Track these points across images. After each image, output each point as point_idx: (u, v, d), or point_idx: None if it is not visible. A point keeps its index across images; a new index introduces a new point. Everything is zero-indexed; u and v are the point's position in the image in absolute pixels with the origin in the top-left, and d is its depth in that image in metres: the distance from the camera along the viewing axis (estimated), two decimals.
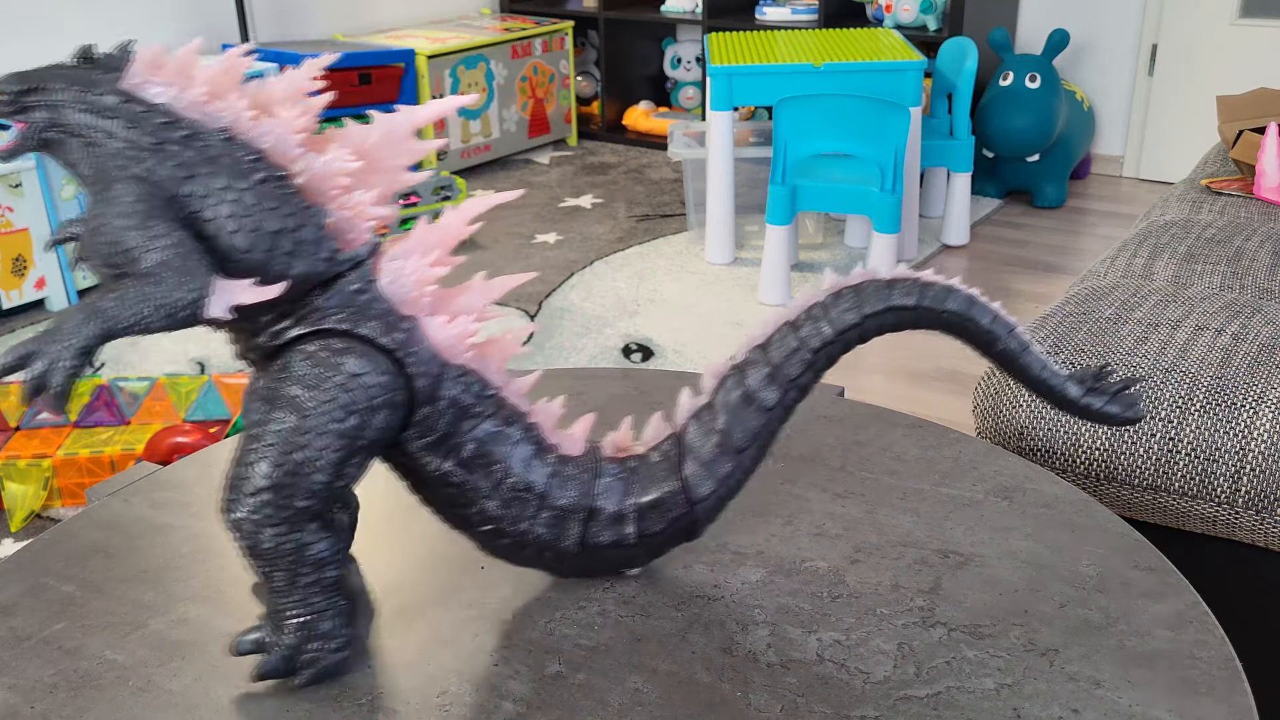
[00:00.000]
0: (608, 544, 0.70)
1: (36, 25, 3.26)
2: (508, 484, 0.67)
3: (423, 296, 0.64)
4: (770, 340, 0.69)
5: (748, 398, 0.69)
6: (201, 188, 0.59)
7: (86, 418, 2.25)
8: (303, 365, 0.61)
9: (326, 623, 0.65)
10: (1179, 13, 3.78)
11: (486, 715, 0.64)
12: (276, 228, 0.60)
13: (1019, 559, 0.76)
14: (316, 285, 0.62)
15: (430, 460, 0.66)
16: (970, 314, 0.68)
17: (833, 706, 0.63)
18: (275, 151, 0.61)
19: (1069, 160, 3.68)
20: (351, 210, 0.62)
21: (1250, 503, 1.13)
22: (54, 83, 0.60)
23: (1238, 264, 1.57)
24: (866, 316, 0.68)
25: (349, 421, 0.60)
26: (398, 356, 0.62)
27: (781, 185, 2.81)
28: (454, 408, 0.65)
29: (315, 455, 0.60)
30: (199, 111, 0.60)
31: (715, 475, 0.69)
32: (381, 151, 0.63)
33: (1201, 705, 0.62)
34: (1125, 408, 0.69)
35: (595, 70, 4.75)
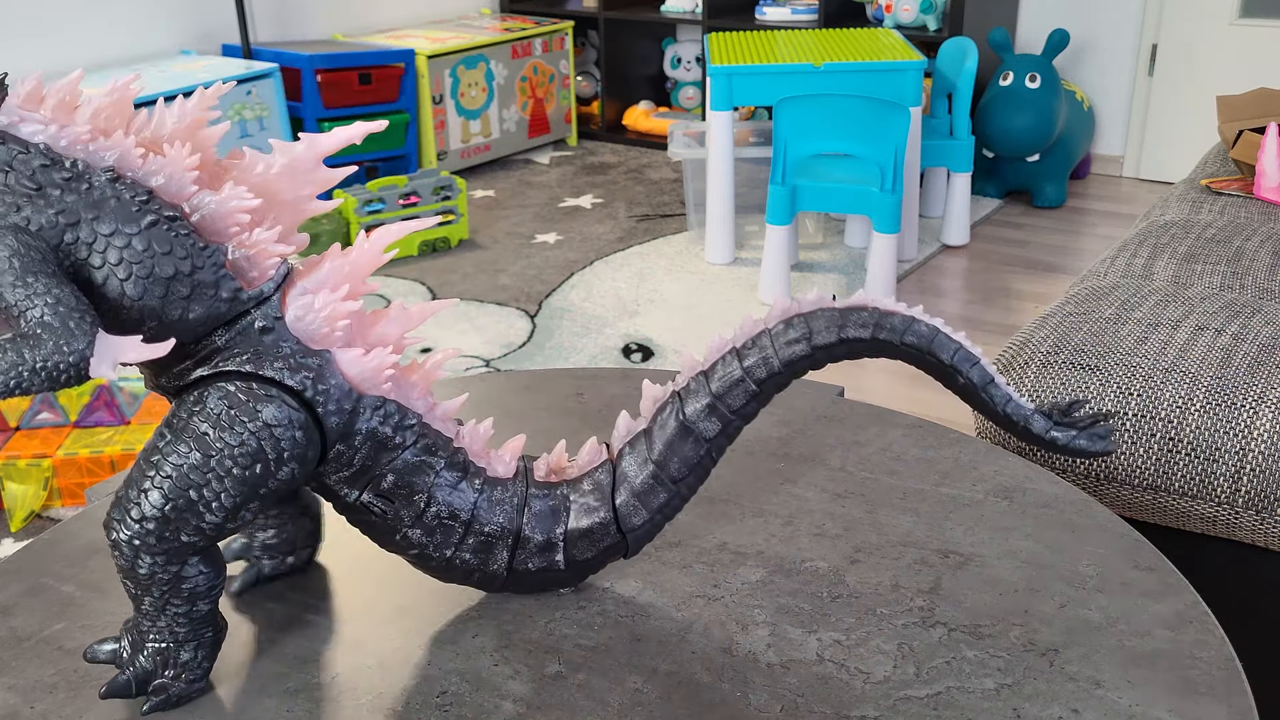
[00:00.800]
0: (536, 570, 0.69)
1: (37, 26, 3.26)
2: (431, 512, 0.65)
3: (334, 332, 0.62)
4: (714, 368, 0.66)
5: (686, 429, 0.67)
6: (87, 234, 0.55)
7: (86, 418, 2.25)
8: (218, 403, 0.58)
9: (186, 654, 0.63)
10: (1179, 13, 3.78)
11: (486, 715, 0.64)
12: (171, 273, 0.57)
13: (1019, 559, 0.76)
14: (219, 326, 0.60)
15: (349, 492, 0.64)
16: (930, 348, 0.64)
17: (833, 706, 0.63)
18: (167, 190, 0.57)
19: (1069, 160, 3.68)
20: (252, 248, 0.59)
21: (1250, 503, 1.13)
22: None
23: (1238, 264, 1.57)
24: (817, 349, 0.65)
25: (254, 469, 0.58)
26: (306, 397, 0.60)
27: (781, 185, 2.81)
28: (371, 441, 0.63)
29: (211, 496, 0.58)
30: (82, 150, 0.56)
31: (649, 506, 0.68)
32: (284, 183, 0.60)
33: (1201, 705, 0.62)
34: (1094, 441, 0.65)
35: (595, 70, 4.75)
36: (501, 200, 3.81)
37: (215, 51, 3.67)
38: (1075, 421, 0.65)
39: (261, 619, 0.73)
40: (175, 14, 3.58)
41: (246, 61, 3.43)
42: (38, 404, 2.23)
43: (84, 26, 3.36)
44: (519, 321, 2.82)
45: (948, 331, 0.64)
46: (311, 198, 0.61)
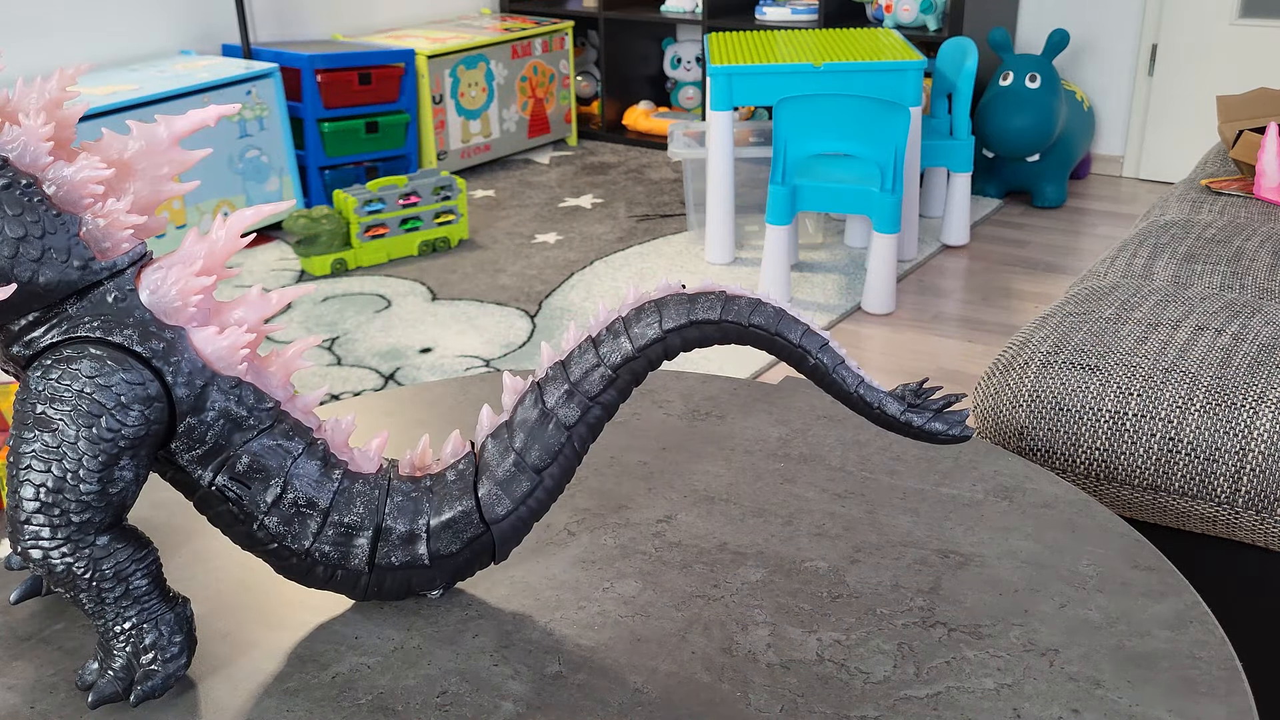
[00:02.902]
0: (400, 565, 0.68)
1: (37, 26, 3.26)
2: (287, 499, 0.65)
3: (188, 307, 0.63)
4: (570, 357, 0.68)
5: (545, 415, 0.67)
6: None
7: None
8: (41, 381, 0.59)
9: (150, 635, 0.63)
10: (1179, 13, 3.78)
11: (486, 715, 0.64)
12: (20, 234, 0.58)
13: (1019, 559, 0.76)
14: (70, 294, 0.61)
15: (202, 473, 0.64)
16: (778, 329, 0.65)
17: (833, 706, 0.63)
18: (22, 160, 0.59)
19: (1069, 160, 3.68)
20: (105, 218, 0.61)
21: (1250, 503, 1.13)
22: None
23: (1238, 264, 1.57)
24: (668, 331, 0.66)
25: (99, 425, 0.59)
26: (155, 364, 0.61)
27: (781, 185, 2.82)
28: (224, 419, 0.63)
29: (74, 466, 0.59)
30: None
31: (512, 495, 0.68)
32: (140, 161, 0.62)
33: (1201, 705, 0.62)
34: (950, 425, 0.66)
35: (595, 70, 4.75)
36: (501, 200, 3.81)
37: (215, 51, 3.67)
38: (928, 405, 0.65)
39: (261, 619, 0.73)
40: (175, 14, 3.58)
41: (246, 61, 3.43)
42: None
43: (84, 26, 3.36)
44: (519, 321, 2.82)
45: (794, 314, 0.65)
46: (170, 178, 0.63)
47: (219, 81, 3.23)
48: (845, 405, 0.67)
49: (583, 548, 0.78)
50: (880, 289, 2.88)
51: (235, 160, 3.15)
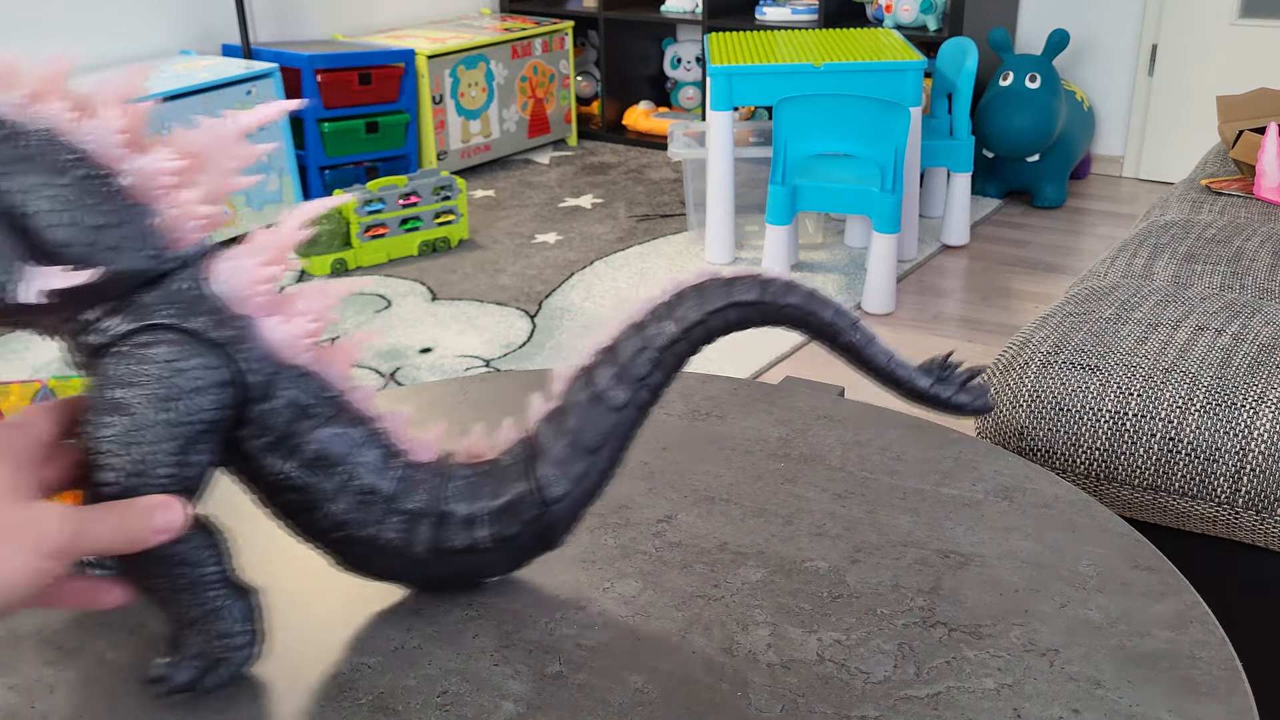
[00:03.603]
0: (461, 549, 0.68)
1: (37, 26, 3.26)
2: (353, 486, 0.66)
3: (255, 296, 0.63)
4: (616, 342, 0.69)
5: (596, 398, 0.69)
6: (19, 184, 0.58)
7: None
8: (115, 367, 0.60)
9: (221, 622, 0.64)
10: (1179, 13, 3.78)
11: (486, 715, 0.64)
12: (99, 222, 0.59)
13: (1019, 559, 0.76)
14: (143, 283, 0.61)
15: (271, 462, 0.65)
16: (810, 308, 0.68)
17: (833, 706, 0.63)
18: (98, 151, 0.60)
19: (1069, 160, 3.68)
20: (178, 209, 0.62)
21: (1250, 503, 1.13)
22: None
23: (1238, 264, 1.57)
24: (709, 313, 0.68)
25: (176, 408, 0.60)
26: (228, 351, 0.62)
27: (781, 185, 2.82)
28: (291, 407, 0.64)
29: (151, 451, 0.59)
30: (18, 114, 0.59)
31: (569, 475, 0.69)
32: (209, 154, 0.63)
33: (1201, 705, 0.62)
34: (974, 397, 0.69)
35: (595, 70, 4.75)
36: (501, 200, 3.81)
37: (215, 51, 3.67)
38: (953, 378, 0.69)
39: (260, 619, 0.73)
40: (175, 14, 3.58)
41: (246, 61, 3.43)
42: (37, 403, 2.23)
43: (84, 26, 3.36)
44: (519, 321, 2.82)
45: (822, 295, 0.69)
46: (235, 172, 0.64)
47: (219, 81, 3.23)
48: (877, 380, 0.70)
49: (583, 548, 0.78)
50: (880, 289, 2.88)
51: None
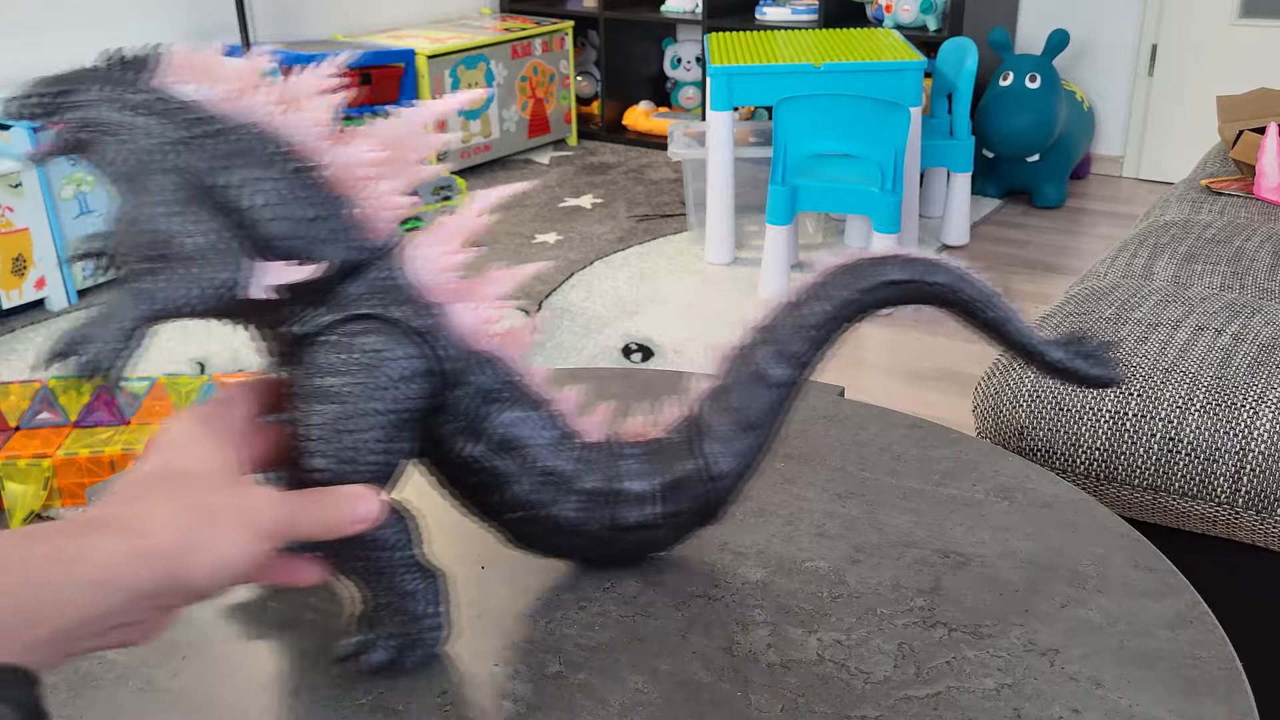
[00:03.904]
0: (634, 525, 0.71)
1: (36, 25, 3.26)
2: (536, 468, 0.68)
3: (447, 284, 0.65)
4: (774, 320, 0.72)
5: (757, 375, 0.71)
6: (236, 178, 0.60)
7: (86, 418, 2.25)
8: (327, 355, 0.61)
9: (417, 604, 0.65)
10: (1179, 13, 3.78)
11: (486, 715, 0.64)
12: (311, 215, 0.61)
13: (1019, 559, 0.76)
14: (346, 273, 0.63)
15: (460, 446, 0.66)
16: (957, 286, 0.71)
17: (833, 706, 0.63)
18: (302, 144, 0.61)
19: (1069, 160, 3.68)
20: (376, 200, 0.63)
21: (1250, 503, 1.13)
22: (87, 84, 0.60)
23: (1238, 264, 1.57)
24: (862, 292, 0.71)
25: (385, 397, 0.61)
26: (427, 339, 0.63)
27: (781, 185, 2.81)
28: (480, 392, 0.66)
29: (362, 437, 0.60)
30: (228, 107, 0.61)
31: (733, 452, 0.71)
32: (402, 145, 0.64)
33: (1201, 705, 0.62)
34: (1107, 369, 0.72)
35: (595, 70, 4.75)
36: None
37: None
38: (1086, 351, 0.72)
39: (261, 619, 0.73)
40: (175, 13, 3.58)
41: None
42: (37, 404, 2.23)
43: (84, 26, 3.36)
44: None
45: (970, 274, 0.72)
46: (420, 160, 0.65)
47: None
48: (1015, 354, 0.73)
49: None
50: None
51: None
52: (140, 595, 0.47)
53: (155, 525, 0.48)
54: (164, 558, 0.48)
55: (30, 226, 2.86)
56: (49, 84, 0.61)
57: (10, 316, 2.91)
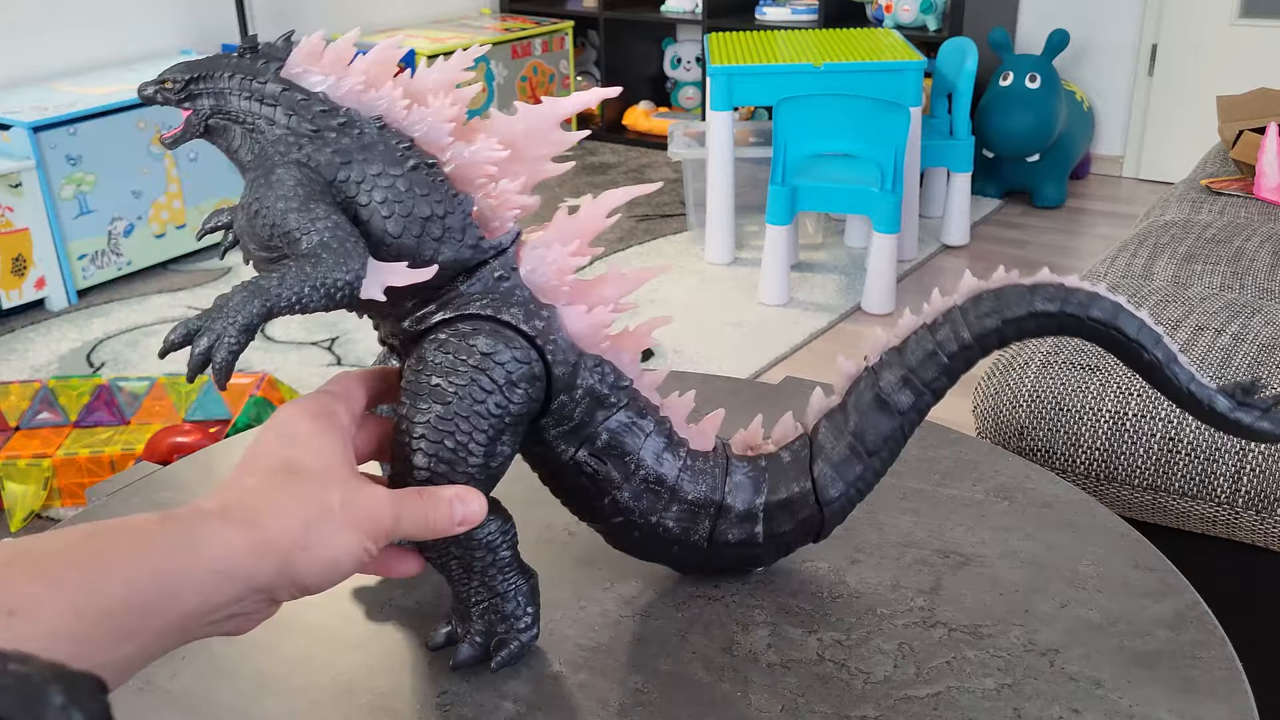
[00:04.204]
0: (735, 541, 0.69)
1: (37, 26, 3.26)
2: (640, 475, 0.67)
3: (562, 285, 0.65)
4: (906, 343, 0.68)
5: (881, 401, 0.68)
6: (358, 173, 0.60)
7: (86, 418, 2.25)
8: (436, 354, 0.61)
9: (510, 604, 0.65)
10: (1179, 13, 3.78)
11: (487, 715, 0.64)
12: (427, 214, 0.61)
13: (1019, 559, 0.76)
14: (461, 272, 0.63)
15: (566, 449, 0.66)
16: (1116, 322, 0.64)
17: (833, 706, 0.63)
18: (426, 140, 0.61)
19: (1069, 160, 3.68)
20: (496, 199, 0.63)
21: (1250, 503, 1.13)
22: (220, 71, 0.61)
23: (1238, 264, 1.57)
24: (1006, 322, 0.66)
25: (490, 401, 0.61)
26: (538, 343, 0.63)
27: (781, 185, 2.81)
28: (590, 397, 0.65)
29: (466, 440, 0.60)
30: (355, 100, 0.61)
31: (845, 478, 0.68)
32: (526, 142, 0.63)
33: (1201, 705, 0.62)
34: (1276, 424, 0.65)
35: (595, 70, 4.75)
36: None
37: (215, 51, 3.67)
38: (1258, 403, 0.65)
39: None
40: (175, 14, 3.58)
41: None
42: (37, 404, 2.23)
43: (84, 26, 3.35)
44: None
45: (1130, 308, 0.65)
46: (548, 159, 0.64)
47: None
48: (1173, 401, 0.66)
49: (583, 548, 0.78)
50: (880, 289, 2.88)
51: None
52: (256, 587, 0.48)
53: (275, 520, 0.49)
54: (281, 553, 0.49)
55: (30, 226, 2.86)
56: (184, 70, 0.62)
57: (10, 316, 2.91)
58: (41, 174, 2.86)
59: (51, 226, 2.90)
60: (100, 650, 0.42)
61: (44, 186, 2.88)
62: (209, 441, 2.00)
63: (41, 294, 2.94)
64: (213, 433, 2.08)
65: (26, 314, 2.93)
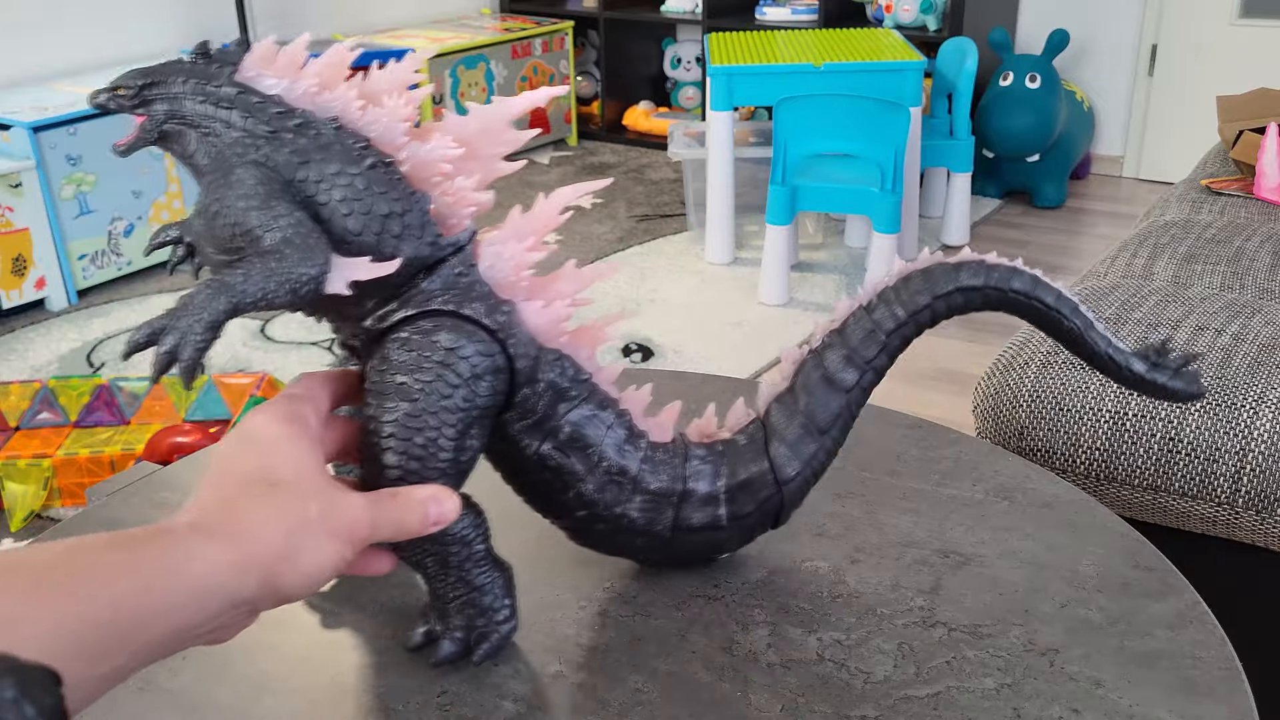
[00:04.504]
0: (699, 526, 0.70)
1: (37, 26, 3.26)
2: (603, 467, 0.68)
3: (520, 281, 0.65)
4: (846, 324, 0.71)
5: (828, 379, 0.71)
6: (316, 173, 0.60)
7: (86, 418, 2.25)
8: (400, 352, 0.61)
9: (487, 597, 0.65)
10: (1179, 13, 3.78)
11: (486, 715, 0.64)
12: (386, 211, 0.61)
13: (1019, 559, 0.76)
14: (421, 269, 0.63)
15: (530, 443, 0.66)
16: (1035, 293, 0.69)
17: (833, 706, 0.63)
18: (382, 139, 0.62)
19: (1069, 160, 3.68)
20: (453, 196, 0.63)
21: (1250, 503, 1.13)
22: (174, 76, 0.62)
23: (1238, 264, 1.57)
24: (936, 298, 0.70)
25: (458, 395, 0.61)
26: (500, 336, 0.63)
27: (781, 185, 2.81)
28: (551, 390, 0.66)
29: (435, 435, 0.61)
30: (310, 102, 0.62)
31: (801, 456, 0.71)
32: (480, 140, 0.64)
33: (1201, 705, 0.62)
34: (1188, 383, 0.70)
35: (595, 70, 4.75)
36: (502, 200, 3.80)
37: None
38: (1169, 363, 0.70)
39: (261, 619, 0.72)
40: (175, 14, 3.58)
41: None
42: (37, 404, 2.23)
43: (84, 26, 3.36)
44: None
45: (1047, 280, 0.70)
46: (500, 158, 0.65)
47: None
48: (1093, 366, 0.71)
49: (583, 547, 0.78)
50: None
51: None
52: (238, 601, 0.48)
53: (257, 534, 0.49)
54: (263, 566, 0.49)
55: (30, 226, 2.86)
56: (136, 76, 0.62)
57: (10, 316, 2.91)
58: (41, 174, 2.86)
59: (51, 226, 2.90)
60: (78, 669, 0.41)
61: (44, 186, 2.88)
62: (209, 441, 2.00)
63: (41, 294, 2.94)
64: (213, 433, 2.08)
65: (26, 314, 2.93)
